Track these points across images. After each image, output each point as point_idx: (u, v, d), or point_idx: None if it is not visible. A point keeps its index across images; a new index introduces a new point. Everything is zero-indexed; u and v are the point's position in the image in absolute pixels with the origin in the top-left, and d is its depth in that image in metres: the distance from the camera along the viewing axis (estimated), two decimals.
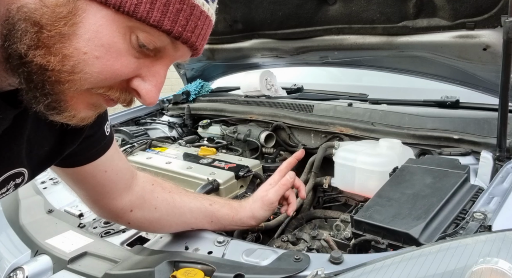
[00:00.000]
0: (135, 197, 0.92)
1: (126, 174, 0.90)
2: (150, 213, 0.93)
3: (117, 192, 0.89)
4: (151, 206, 0.94)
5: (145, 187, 0.95)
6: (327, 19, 1.61)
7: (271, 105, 1.94)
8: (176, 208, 0.96)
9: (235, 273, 0.76)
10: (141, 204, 0.93)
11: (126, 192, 0.91)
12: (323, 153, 1.48)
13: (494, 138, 1.18)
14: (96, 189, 0.86)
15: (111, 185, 0.87)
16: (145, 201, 0.93)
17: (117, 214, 0.92)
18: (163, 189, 0.97)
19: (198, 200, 0.99)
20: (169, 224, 0.96)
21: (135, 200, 0.92)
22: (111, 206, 0.90)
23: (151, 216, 0.94)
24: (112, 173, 0.86)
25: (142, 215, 0.93)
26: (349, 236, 1.13)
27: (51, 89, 0.50)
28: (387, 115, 1.56)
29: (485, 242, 0.70)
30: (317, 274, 0.72)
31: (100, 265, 0.88)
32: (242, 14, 1.80)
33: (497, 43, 1.25)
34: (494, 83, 1.39)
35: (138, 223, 0.95)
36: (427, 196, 0.95)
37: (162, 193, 0.96)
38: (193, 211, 0.97)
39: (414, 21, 1.42)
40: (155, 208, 0.94)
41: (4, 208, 1.21)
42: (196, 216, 0.97)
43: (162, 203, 0.95)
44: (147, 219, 0.94)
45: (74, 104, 0.53)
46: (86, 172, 0.82)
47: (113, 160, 0.86)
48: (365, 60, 1.78)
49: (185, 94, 2.32)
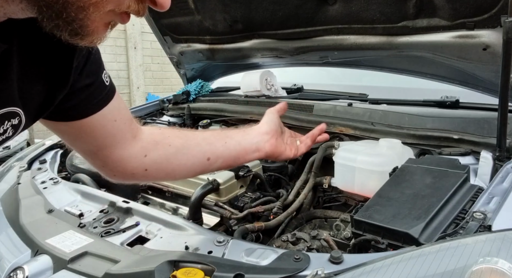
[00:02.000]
0: (146, 142, 0.90)
1: (133, 122, 0.89)
2: (166, 150, 0.91)
3: (128, 140, 0.87)
4: (165, 144, 0.92)
5: (153, 132, 0.94)
6: (327, 19, 1.61)
7: (271, 105, 1.92)
8: (189, 140, 0.95)
9: (235, 273, 0.77)
10: (154, 145, 0.91)
11: (136, 140, 0.89)
12: (323, 153, 1.48)
13: (494, 138, 1.18)
14: (107, 140, 0.83)
15: (121, 134, 0.85)
16: (157, 143, 0.92)
17: (132, 165, 0.88)
18: (171, 129, 0.98)
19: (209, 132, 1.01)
20: (186, 157, 0.94)
21: (146, 145, 0.90)
22: (124, 157, 0.87)
23: (167, 153, 0.92)
24: (121, 122, 0.84)
25: (157, 154, 0.91)
26: (349, 236, 1.13)
27: (75, 16, 0.50)
28: (387, 115, 1.56)
29: (485, 241, 0.70)
30: (317, 274, 0.72)
31: (100, 264, 0.88)
32: (242, 14, 1.80)
33: (497, 43, 1.25)
34: (494, 83, 1.39)
35: (155, 166, 0.91)
36: (427, 196, 0.95)
37: (172, 132, 0.96)
38: (206, 137, 0.97)
39: (414, 21, 1.42)
40: (169, 145, 0.92)
41: (4, 208, 1.21)
42: (210, 142, 0.96)
43: (174, 139, 0.93)
44: (163, 157, 0.91)
45: (96, 28, 0.54)
46: (96, 123, 0.79)
47: (121, 109, 0.85)
48: (365, 60, 1.78)
49: (185, 94, 2.32)
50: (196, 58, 2.32)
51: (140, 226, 1.06)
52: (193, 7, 1.92)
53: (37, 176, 1.40)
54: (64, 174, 1.55)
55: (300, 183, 1.45)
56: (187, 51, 2.29)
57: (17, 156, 1.69)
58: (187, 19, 2.02)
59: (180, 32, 2.18)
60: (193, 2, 1.90)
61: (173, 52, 2.35)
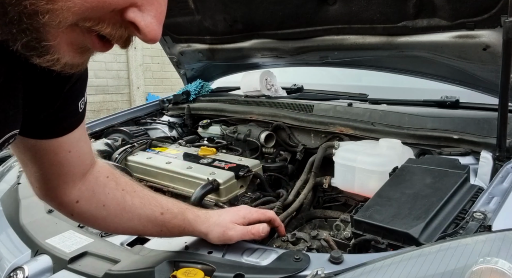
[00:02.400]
0: (85, 187, 0.84)
1: (87, 159, 0.83)
2: (97, 210, 0.85)
3: (73, 176, 0.81)
4: (100, 202, 0.85)
5: (98, 178, 0.86)
6: (327, 19, 1.61)
7: (271, 105, 1.94)
8: (125, 212, 0.87)
9: (235, 273, 0.77)
10: (90, 196, 0.84)
11: (80, 179, 0.83)
12: (323, 153, 1.48)
13: (494, 138, 1.18)
14: (52, 168, 0.78)
15: (70, 167, 0.80)
16: (94, 195, 0.85)
17: (62, 202, 0.84)
18: (116, 185, 0.88)
19: (149, 207, 0.89)
20: (115, 226, 0.89)
21: (84, 190, 0.84)
22: (60, 191, 0.82)
23: (97, 213, 0.86)
24: (75, 155, 0.78)
25: (88, 209, 0.85)
26: (349, 236, 1.13)
27: (30, 24, 0.43)
28: (387, 115, 1.56)
29: (485, 242, 0.70)
30: (317, 274, 0.72)
31: (100, 264, 0.88)
32: (242, 14, 1.80)
33: (497, 43, 1.25)
34: (494, 83, 1.39)
35: (82, 217, 0.87)
36: (427, 196, 0.95)
37: (115, 190, 0.87)
38: (141, 218, 0.88)
39: (414, 21, 1.42)
40: (103, 206, 0.85)
41: (4, 208, 1.21)
42: (144, 224, 0.89)
43: (111, 202, 0.86)
44: (93, 214, 0.86)
45: (57, 45, 0.46)
46: (49, 147, 0.75)
47: (80, 141, 0.79)
48: (365, 60, 1.78)
49: (185, 94, 2.32)
50: (196, 58, 2.32)
51: None
52: (193, 7, 1.92)
53: None
54: None
55: (300, 183, 1.45)
56: (187, 51, 2.29)
57: None
58: (187, 19, 2.02)
59: (180, 32, 2.18)
60: (193, 2, 1.90)
61: (173, 52, 2.35)
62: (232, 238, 0.88)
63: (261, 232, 0.86)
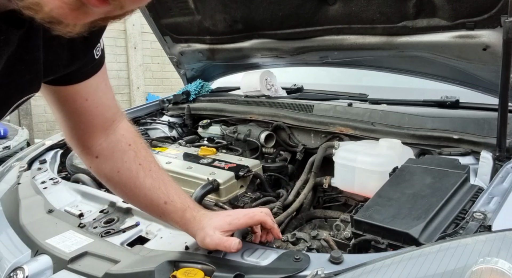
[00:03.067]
0: (106, 145, 0.87)
1: (107, 111, 0.85)
2: (111, 173, 0.89)
3: (92, 127, 0.84)
4: (115, 168, 0.89)
5: (120, 141, 0.89)
6: (327, 19, 1.61)
7: (271, 105, 1.94)
8: (134, 187, 0.90)
9: (235, 273, 0.77)
10: (108, 157, 0.88)
11: (100, 133, 0.86)
12: (323, 153, 1.48)
13: (494, 138, 1.18)
14: (73, 116, 0.82)
15: (88, 117, 0.82)
16: (113, 157, 0.88)
17: (85, 151, 0.88)
18: (135, 156, 0.90)
19: (156, 192, 0.90)
20: (122, 194, 0.94)
21: (104, 149, 0.87)
22: (83, 140, 0.86)
23: (111, 176, 0.90)
24: (92, 104, 0.81)
25: (102, 168, 0.89)
26: (349, 236, 1.13)
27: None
28: (387, 115, 1.56)
29: (485, 242, 0.71)
30: (317, 274, 0.72)
31: (100, 265, 0.88)
32: (242, 14, 1.80)
33: (497, 43, 1.25)
34: (494, 83, 1.39)
35: (97, 172, 0.92)
36: (427, 196, 0.95)
37: (132, 161, 0.89)
38: (146, 199, 0.91)
39: (414, 21, 1.42)
40: (118, 172, 0.89)
41: (4, 208, 1.21)
42: (147, 205, 0.92)
43: (125, 172, 0.89)
44: (106, 175, 0.90)
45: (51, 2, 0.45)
46: (68, 94, 0.77)
47: (97, 91, 0.81)
48: (365, 60, 1.78)
49: (185, 94, 2.32)
50: (196, 58, 2.32)
51: (140, 226, 1.06)
52: (193, 7, 1.92)
53: (37, 176, 1.40)
54: (64, 174, 1.54)
55: (300, 183, 1.45)
56: (187, 51, 2.29)
57: (17, 156, 1.69)
58: (187, 19, 2.02)
59: (180, 32, 2.18)
60: (193, 2, 1.90)
61: (173, 52, 2.35)
62: (207, 246, 0.85)
63: (231, 248, 0.82)
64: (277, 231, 0.93)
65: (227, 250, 0.83)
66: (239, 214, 0.91)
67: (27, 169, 1.49)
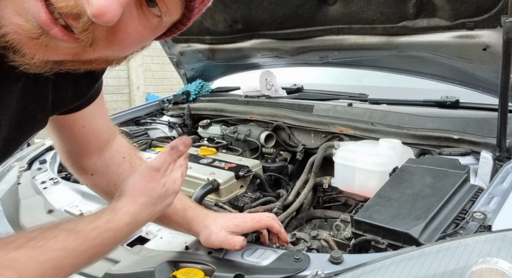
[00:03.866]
0: (101, 163, 0.89)
1: (102, 134, 0.87)
2: (108, 187, 0.91)
3: (88, 150, 0.86)
4: (111, 181, 0.90)
5: (115, 156, 0.91)
6: (327, 19, 1.61)
7: (271, 105, 1.94)
8: None
9: (235, 273, 0.76)
10: (104, 172, 0.90)
11: (95, 154, 0.88)
12: (323, 153, 1.48)
13: (494, 138, 1.18)
14: (69, 141, 0.85)
15: (84, 142, 0.85)
16: (108, 172, 0.90)
17: (80, 171, 0.90)
18: (130, 168, 0.92)
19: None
20: None
21: (99, 166, 0.89)
22: (78, 162, 0.88)
23: (108, 190, 0.91)
24: (88, 130, 0.83)
25: (99, 183, 0.91)
26: (349, 236, 1.13)
27: None
28: (387, 115, 1.56)
29: (485, 242, 0.70)
30: (317, 274, 0.72)
31: (100, 265, 0.88)
32: (242, 14, 1.80)
33: (497, 43, 1.25)
34: (494, 83, 1.39)
35: (95, 189, 0.94)
36: (427, 196, 0.95)
37: (128, 172, 0.91)
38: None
39: (414, 21, 1.42)
40: (114, 184, 0.90)
41: (4, 208, 1.21)
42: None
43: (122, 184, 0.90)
44: (104, 190, 0.92)
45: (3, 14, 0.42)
46: (65, 122, 0.80)
47: (94, 117, 0.83)
48: (365, 60, 1.78)
49: (185, 94, 2.32)
50: (196, 58, 2.32)
51: None
52: None
53: (37, 176, 1.40)
54: (64, 174, 1.54)
55: (300, 183, 1.45)
56: (187, 51, 2.29)
57: (17, 156, 1.69)
58: None
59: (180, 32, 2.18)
60: None
61: (173, 52, 2.35)
62: (213, 243, 0.86)
63: (235, 245, 0.83)
64: (284, 235, 0.94)
65: (231, 247, 0.83)
66: (246, 218, 0.92)
67: (27, 169, 1.49)
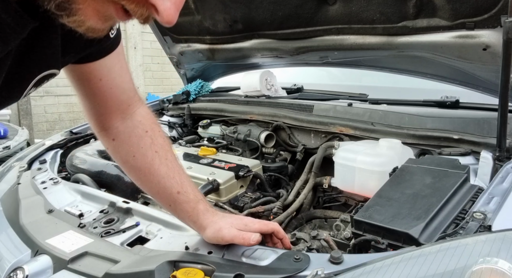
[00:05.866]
0: (123, 129, 0.90)
1: (121, 94, 0.87)
2: (127, 157, 0.91)
3: (108, 109, 0.87)
4: (131, 152, 0.91)
5: (137, 127, 0.92)
6: (327, 19, 1.61)
7: (271, 105, 1.94)
8: (149, 173, 0.91)
9: (235, 273, 0.76)
10: (124, 140, 0.91)
11: (116, 115, 0.89)
12: (323, 153, 1.48)
13: (494, 138, 1.18)
14: (89, 96, 0.85)
15: (102, 98, 0.85)
16: (129, 141, 0.91)
17: (103, 133, 0.91)
18: (152, 143, 0.92)
19: (170, 181, 0.91)
20: (136, 178, 0.95)
21: (121, 132, 0.90)
22: (99, 121, 0.89)
23: (126, 160, 0.92)
24: (106, 85, 0.83)
25: (119, 151, 0.92)
26: (349, 236, 1.13)
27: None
28: (387, 115, 1.56)
29: (485, 242, 0.70)
30: (317, 274, 0.72)
31: (100, 265, 0.88)
32: (242, 14, 1.80)
33: (497, 43, 1.25)
34: (494, 83, 1.39)
35: (114, 155, 0.94)
36: (427, 196, 0.95)
37: (148, 148, 0.91)
38: (159, 186, 0.92)
39: (414, 21, 1.42)
40: (133, 156, 0.91)
41: (4, 208, 1.21)
42: (159, 192, 0.93)
43: (141, 157, 0.91)
44: (122, 158, 0.93)
45: (84, 9, 0.52)
46: (83, 73, 0.80)
47: (111, 72, 0.83)
48: (365, 60, 1.78)
49: (185, 94, 2.32)
50: (196, 58, 2.32)
51: (140, 226, 1.06)
52: (193, 7, 1.92)
53: (37, 176, 1.40)
54: (64, 174, 1.54)
55: (300, 183, 1.45)
56: (187, 51, 2.29)
57: (17, 156, 1.69)
58: (187, 19, 2.02)
59: (180, 32, 2.18)
60: (193, 2, 1.90)
61: (173, 52, 2.35)
62: (224, 237, 0.86)
63: (251, 240, 0.84)
64: (288, 241, 0.95)
65: (244, 241, 0.84)
66: (254, 220, 0.94)
67: (27, 169, 1.49)
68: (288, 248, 0.96)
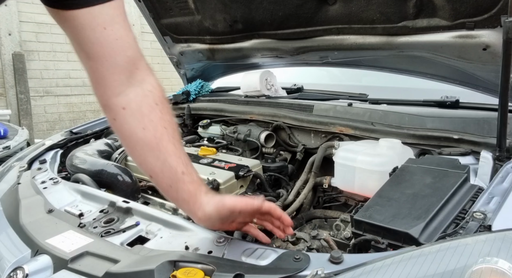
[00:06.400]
0: (134, 97, 0.85)
1: (128, 49, 0.83)
2: (135, 128, 0.86)
3: (116, 67, 0.82)
4: (141, 124, 0.86)
5: (148, 97, 0.87)
6: (327, 19, 1.61)
7: (271, 105, 1.94)
8: (156, 148, 0.86)
9: (235, 273, 0.76)
10: (135, 110, 0.85)
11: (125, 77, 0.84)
12: (323, 153, 1.48)
13: (494, 138, 1.18)
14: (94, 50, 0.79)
15: (110, 51, 0.80)
16: (140, 111, 0.85)
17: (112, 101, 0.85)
18: (161, 118, 0.88)
19: (177, 159, 0.88)
20: (138, 154, 0.90)
21: (132, 100, 0.85)
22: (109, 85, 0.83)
23: (134, 132, 0.86)
24: (112, 35, 0.78)
25: (129, 121, 0.86)
26: (349, 235, 1.13)
27: None
28: (387, 115, 1.56)
29: (485, 241, 0.70)
30: (317, 274, 0.72)
31: (100, 264, 0.88)
32: (242, 14, 1.80)
33: (497, 43, 1.25)
34: (494, 83, 1.39)
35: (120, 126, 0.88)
36: (427, 196, 0.95)
37: (158, 122, 0.87)
38: (165, 164, 0.87)
39: (414, 21, 1.42)
40: (143, 128, 0.86)
41: (4, 208, 1.21)
42: (163, 170, 0.88)
43: (150, 130, 0.86)
44: (130, 130, 0.87)
45: None
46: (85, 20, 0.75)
47: (114, 22, 0.79)
48: (365, 60, 1.78)
49: (185, 94, 2.32)
50: (196, 58, 2.32)
51: (140, 226, 1.06)
52: (193, 7, 1.92)
53: (37, 176, 1.40)
54: (64, 174, 1.54)
55: (300, 183, 1.45)
56: (187, 51, 2.29)
57: (17, 156, 1.69)
58: (187, 19, 2.02)
59: (180, 32, 2.18)
60: (193, 2, 1.90)
61: (173, 52, 2.35)
62: (225, 204, 0.85)
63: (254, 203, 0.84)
64: (287, 218, 0.93)
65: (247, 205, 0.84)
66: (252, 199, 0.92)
67: (27, 169, 1.49)
68: (289, 225, 0.95)
